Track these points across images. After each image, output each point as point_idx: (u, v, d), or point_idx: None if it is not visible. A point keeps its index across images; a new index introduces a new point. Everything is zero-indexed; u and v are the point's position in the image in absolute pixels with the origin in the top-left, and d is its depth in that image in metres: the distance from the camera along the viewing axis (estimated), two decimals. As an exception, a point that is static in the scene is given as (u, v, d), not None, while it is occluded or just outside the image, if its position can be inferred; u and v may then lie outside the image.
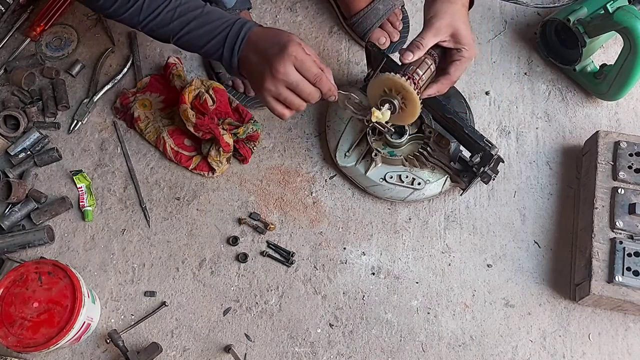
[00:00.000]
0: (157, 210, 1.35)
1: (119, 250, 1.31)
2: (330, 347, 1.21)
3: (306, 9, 1.54)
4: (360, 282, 1.26)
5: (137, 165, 1.39)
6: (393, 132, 1.18)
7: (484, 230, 1.29)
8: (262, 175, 1.37)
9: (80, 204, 1.35)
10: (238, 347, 1.22)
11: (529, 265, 1.25)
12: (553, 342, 1.19)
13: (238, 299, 1.26)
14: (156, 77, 1.44)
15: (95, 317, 1.23)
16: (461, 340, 1.20)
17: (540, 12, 1.48)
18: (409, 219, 1.31)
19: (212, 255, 1.30)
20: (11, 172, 1.37)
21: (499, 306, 1.23)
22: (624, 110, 1.37)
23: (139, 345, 1.22)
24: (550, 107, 1.39)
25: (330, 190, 1.34)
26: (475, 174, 1.22)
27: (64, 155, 1.41)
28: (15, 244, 1.29)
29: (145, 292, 1.27)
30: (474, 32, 1.47)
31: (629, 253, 1.13)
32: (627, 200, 1.17)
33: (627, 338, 1.18)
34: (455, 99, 1.35)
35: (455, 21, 1.10)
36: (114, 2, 1.12)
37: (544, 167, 1.33)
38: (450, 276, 1.25)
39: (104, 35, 1.54)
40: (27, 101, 1.47)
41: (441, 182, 1.28)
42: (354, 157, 1.32)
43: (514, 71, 1.43)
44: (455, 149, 1.23)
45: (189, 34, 1.11)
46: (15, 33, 1.56)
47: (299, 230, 1.31)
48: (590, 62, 1.36)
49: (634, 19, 1.16)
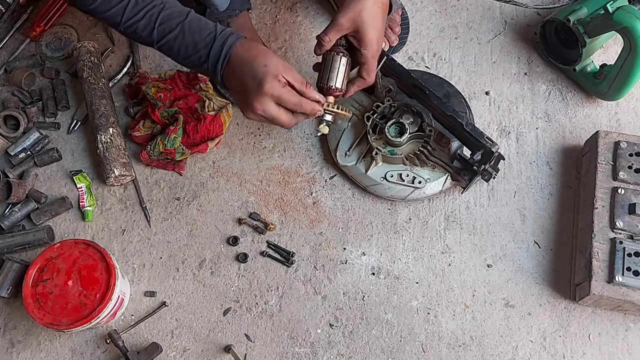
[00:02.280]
0: (157, 210, 1.35)
1: (119, 251, 1.31)
2: (330, 347, 1.21)
3: (306, 9, 1.54)
4: (360, 283, 1.26)
5: (137, 165, 1.39)
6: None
7: (484, 231, 1.29)
8: (262, 175, 1.37)
9: (80, 204, 1.35)
10: (238, 347, 1.22)
11: (529, 266, 1.25)
12: (553, 342, 1.19)
13: (238, 299, 1.26)
14: (179, 73, 1.44)
15: (127, 292, 1.25)
16: (461, 340, 1.20)
17: (540, 12, 1.48)
18: (409, 219, 1.30)
19: (212, 255, 1.30)
20: (11, 172, 1.37)
21: (499, 306, 1.22)
22: (624, 110, 1.37)
23: (139, 346, 1.22)
24: (550, 107, 1.39)
25: (330, 190, 1.34)
26: (476, 172, 1.22)
27: (64, 156, 1.41)
28: (15, 244, 1.29)
29: (145, 292, 1.27)
30: (474, 32, 1.48)
31: (629, 253, 1.13)
32: (627, 200, 1.17)
33: (628, 338, 1.18)
34: (455, 99, 1.35)
35: (359, 17, 1.07)
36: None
37: (544, 167, 1.33)
38: (450, 276, 1.25)
39: (104, 35, 1.54)
40: (27, 101, 1.47)
41: (442, 180, 1.28)
42: (354, 157, 1.32)
43: (514, 71, 1.43)
44: (455, 148, 1.23)
45: (171, 43, 1.08)
46: (15, 33, 1.56)
47: (299, 230, 1.31)
48: (590, 62, 1.36)
49: (634, 19, 1.16)
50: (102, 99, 1.40)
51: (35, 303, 1.14)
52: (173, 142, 1.33)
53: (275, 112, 1.04)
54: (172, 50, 1.09)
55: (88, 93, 1.40)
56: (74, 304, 1.14)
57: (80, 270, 1.16)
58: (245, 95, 1.04)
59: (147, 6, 1.07)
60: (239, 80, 1.04)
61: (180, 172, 1.37)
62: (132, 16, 1.07)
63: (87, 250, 1.18)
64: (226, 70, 1.05)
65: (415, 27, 1.48)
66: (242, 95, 1.05)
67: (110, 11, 1.08)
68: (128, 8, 1.07)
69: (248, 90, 1.03)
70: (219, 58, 1.05)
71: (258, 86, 1.01)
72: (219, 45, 1.05)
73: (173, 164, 1.37)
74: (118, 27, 1.10)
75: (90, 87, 1.40)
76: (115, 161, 1.33)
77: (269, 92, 1.02)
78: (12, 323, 1.27)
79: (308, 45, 1.49)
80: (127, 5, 1.07)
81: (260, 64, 1.02)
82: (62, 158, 1.41)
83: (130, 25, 1.08)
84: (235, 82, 1.05)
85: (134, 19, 1.07)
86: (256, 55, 1.03)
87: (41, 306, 1.14)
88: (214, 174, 1.38)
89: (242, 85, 1.04)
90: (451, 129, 1.24)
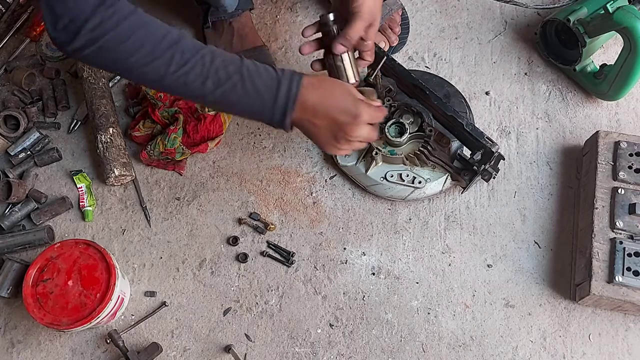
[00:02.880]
0: (157, 210, 1.35)
1: (119, 251, 1.31)
2: (330, 347, 1.21)
3: (306, 9, 1.54)
4: (360, 283, 1.26)
5: (137, 165, 1.39)
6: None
7: (484, 231, 1.29)
8: (262, 175, 1.37)
9: (80, 204, 1.35)
10: (238, 347, 1.22)
11: (529, 266, 1.25)
12: (553, 342, 1.19)
13: (238, 299, 1.26)
14: None
15: (127, 292, 1.25)
16: (461, 340, 1.20)
17: (540, 12, 1.48)
18: (409, 219, 1.30)
19: (212, 255, 1.30)
20: (11, 172, 1.37)
21: (499, 306, 1.22)
22: (624, 110, 1.37)
23: (139, 345, 1.22)
24: (551, 107, 1.39)
25: (330, 190, 1.34)
26: (476, 172, 1.22)
27: (64, 155, 1.41)
28: (15, 244, 1.29)
29: (145, 292, 1.27)
30: (475, 32, 1.48)
31: (629, 253, 1.13)
32: (627, 200, 1.17)
33: (628, 338, 1.18)
34: (455, 99, 1.35)
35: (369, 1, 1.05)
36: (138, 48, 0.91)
37: (544, 167, 1.33)
38: (451, 276, 1.25)
39: (104, 36, 1.54)
40: (28, 101, 1.47)
41: (442, 180, 1.28)
42: (354, 156, 1.32)
43: (514, 71, 1.43)
44: (455, 148, 1.23)
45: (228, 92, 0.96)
46: (15, 33, 1.56)
47: (299, 230, 1.31)
48: (590, 62, 1.36)
49: (634, 19, 1.16)
50: (102, 98, 1.40)
51: (35, 303, 1.14)
52: (173, 142, 1.33)
53: (367, 133, 1.03)
54: (227, 100, 0.97)
55: (88, 93, 1.40)
56: (74, 303, 1.14)
57: (81, 270, 1.16)
58: (335, 128, 1.01)
59: (197, 55, 0.94)
60: (323, 116, 1.00)
61: (180, 172, 1.37)
62: (181, 66, 0.93)
63: (88, 250, 1.18)
64: (298, 110, 0.99)
65: (415, 27, 1.48)
66: (329, 130, 1.02)
67: (153, 64, 0.93)
68: (175, 59, 0.92)
69: (341, 124, 1.01)
70: (287, 101, 0.97)
71: (355, 117, 1.00)
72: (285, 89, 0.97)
73: (173, 164, 1.37)
74: (162, 81, 0.94)
75: (90, 87, 1.40)
76: (115, 161, 1.33)
77: (366, 119, 1.01)
78: (13, 323, 1.27)
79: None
80: (173, 56, 0.92)
81: (344, 94, 1.01)
82: (62, 158, 1.41)
83: (179, 77, 0.93)
84: (316, 119, 1.00)
85: (182, 69, 0.93)
86: (332, 88, 1.02)
87: (41, 306, 1.14)
88: (214, 173, 1.38)
89: (330, 120, 1.00)
90: (451, 129, 1.24)
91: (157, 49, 0.92)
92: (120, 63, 0.93)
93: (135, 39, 0.91)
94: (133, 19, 0.91)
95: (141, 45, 0.91)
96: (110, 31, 0.89)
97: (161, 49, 0.92)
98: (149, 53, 0.92)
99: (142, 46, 0.91)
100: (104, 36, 0.89)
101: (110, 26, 0.89)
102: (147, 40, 0.92)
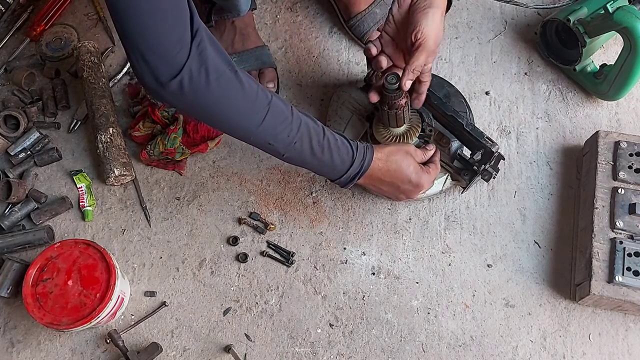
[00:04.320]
0: (157, 210, 1.35)
1: (119, 250, 1.31)
2: (330, 347, 1.21)
3: (306, 9, 1.54)
4: (360, 282, 1.26)
5: (137, 165, 1.39)
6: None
7: (484, 231, 1.29)
8: (262, 175, 1.37)
9: (80, 204, 1.35)
10: (238, 347, 1.22)
11: (529, 266, 1.25)
12: (553, 342, 1.19)
13: (238, 299, 1.26)
14: None
15: (127, 292, 1.25)
16: (461, 340, 1.20)
17: (540, 12, 1.48)
18: (409, 219, 1.30)
19: (212, 255, 1.30)
20: (11, 172, 1.37)
21: (499, 306, 1.22)
22: (624, 110, 1.37)
23: (139, 345, 1.22)
24: (551, 107, 1.39)
25: (330, 190, 1.34)
26: (476, 172, 1.22)
27: (64, 155, 1.41)
28: (15, 244, 1.29)
29: (145, 292, 1.27)
30: (475, 32, 1.48)
31: (629, 253, 1.13)
32: (627, 200, 1.17)
33: (628, 338, 1.18)
34: (455, 99, 1.35)
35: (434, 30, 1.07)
36: (232, 109, 0.96)
37: (544, 167, 1.33)
38: (451, 276, 1.25)
39: (104, 35, 1.54)
40: (27, 101, 1.47)
41: (442, 180, 1.28)
42: (354, 157, 1.32)
43: (514, 71, 1.43)
44: (455, 148, 1.23)
45: (305, 159, 1.06)
46: (15, 33, 1.56)
47: (299, 230, 1.31)
48: (591, 62, 1.36)
49: (634, 19, 1.16)
50: (102, 98, 1.40)
51: (35, 303, 1.14)
52: (173, 142, 1.33)
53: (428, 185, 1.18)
54: (303, 162, 1.07)
55: (88, 93, 1.40)
56: (74, 303, 1.14)
57: (80, 270, 1.16)
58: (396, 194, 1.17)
59: (285, 122, 1.00)
60: (388, 183, 1.14)
61: (181, 171, 1.37)
62: (270, 129, 1.00)
63: (87, 250, 1.18)
64: (367, 177, 1.12)
65: (415, 27, 1.48)
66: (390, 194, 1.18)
67: (244, 123, 0.99)
68: (267, 121, 0.98)
69: (404, 190, 1.15)
70: (359, 172, 1.10)
71: (416, 186, 1.15)
72: (358, 164, 1.09)
73: (173, 163, 1.37)
74: (249, 138, 1.02)
75: (90, 86, 1.40)
76: (115, 161, 1.33)
77: (427, 187, 1.17)
78: (12, 323, 1.27)
79: (308, 45, 1.49)
80: (292, 121, 1.01)
81: (408, 167, 1.13)
82: (62, 158, 1.41)
83: (267, 138, 1.01)
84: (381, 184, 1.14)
85: (271, 132, 1.00)
86: (398, 162, 1.12)
87: (41, 306, 1.14)
88: (214, 173, 1.38)
89: (393, 187, 1.15)
90: (451, 129, 1.24)
91: (252, 109, 0.97)
92: (211, 119, 0.98)
93: (229, 99, 0.94)
94: (225, 79, 0.92)
95: (235, 107, 0.96)
96: (203, 89, 0.91)
97: (255, 110, 0.97)
98: (242, 113, 0.97)
99: (236, 107, 0.96)
100: (196, 92, 0.90)
101: (204, 83, 0.90)
102: (241, 101, 0.95)
